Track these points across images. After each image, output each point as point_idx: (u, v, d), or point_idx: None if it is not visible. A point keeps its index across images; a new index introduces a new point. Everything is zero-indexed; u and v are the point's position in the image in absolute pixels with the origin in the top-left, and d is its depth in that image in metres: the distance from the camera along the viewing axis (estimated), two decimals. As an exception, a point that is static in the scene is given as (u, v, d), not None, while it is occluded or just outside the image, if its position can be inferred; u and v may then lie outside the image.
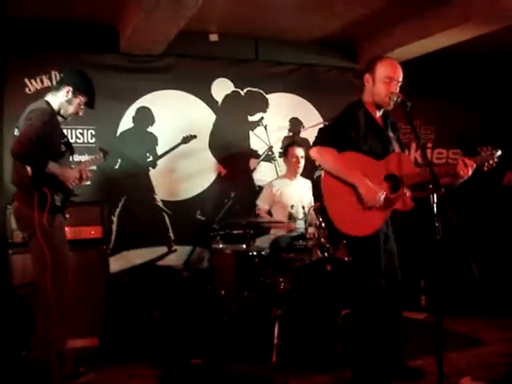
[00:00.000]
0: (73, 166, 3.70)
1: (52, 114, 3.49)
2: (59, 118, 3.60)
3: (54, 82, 4.94)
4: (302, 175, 5.30)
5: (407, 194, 3.24)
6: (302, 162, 5.17)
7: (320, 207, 3.82)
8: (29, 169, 3.33)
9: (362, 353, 3.24)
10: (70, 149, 3.72)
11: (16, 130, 3.49)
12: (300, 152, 5.16)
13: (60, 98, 3.56)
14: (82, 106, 3.64)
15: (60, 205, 3.45)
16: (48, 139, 3.37)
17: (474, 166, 3.17)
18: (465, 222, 5.38)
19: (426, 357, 3.72)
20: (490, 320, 4.96)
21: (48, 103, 3.52)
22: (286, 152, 5.30)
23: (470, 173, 3.16)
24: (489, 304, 5.24)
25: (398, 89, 3.28)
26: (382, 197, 3.13)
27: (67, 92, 3.55)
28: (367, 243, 3.18)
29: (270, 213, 5.24)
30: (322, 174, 3.21)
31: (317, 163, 3.34)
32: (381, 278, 3.20)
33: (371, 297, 3.18)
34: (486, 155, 3.22)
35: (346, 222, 3.16)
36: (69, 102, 3.57)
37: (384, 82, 3.26)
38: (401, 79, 3.30)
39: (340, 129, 3.26)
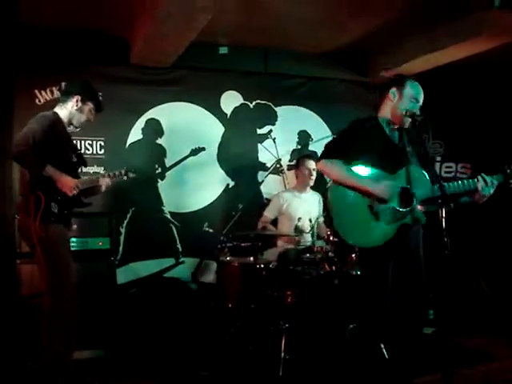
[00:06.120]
0: (85, 177, 3.73)
1: (54, 121, 3.51)
2: (71, 128, 3.64)
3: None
4: (312, 188, 5.27)
5: (418, 208, 3.19)
6: (315, 174, 5.14)
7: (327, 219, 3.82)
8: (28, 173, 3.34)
9: (367, 366, 3.21)
10: (82, 162, 3.79)
11: None
12: (313, 164, 5.11)
13: (70, 109, 3.61)
14: (92, 112, 3.70)
15: (57, 211, 3.41)
16: (48, 144, 3.38)
17: (496, 183, 3.09)
18: (472, 236, 5.37)
19: (435, 373, 3.66)
20: (501, 336, 4.89)
21: (56, 114, 3.57)
22: (298, 164, 5.27)
23: (492, 191, 3.08)
24: (500, 320, 5.17)
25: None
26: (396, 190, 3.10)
27: (76, 101, 3.60)
28: (375, 257, 3.15)
29: (274, 223, 5.23)
30: (330, 185, 3.21)
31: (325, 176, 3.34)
32: (386, 294, 3.17)
33: (376, 311, 3.15)
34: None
35: (354, 232, 3.14)
36: (80, 110, 3.63)
37: (411, 101, 3.21)
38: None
39: (345, 140, 3.24)
